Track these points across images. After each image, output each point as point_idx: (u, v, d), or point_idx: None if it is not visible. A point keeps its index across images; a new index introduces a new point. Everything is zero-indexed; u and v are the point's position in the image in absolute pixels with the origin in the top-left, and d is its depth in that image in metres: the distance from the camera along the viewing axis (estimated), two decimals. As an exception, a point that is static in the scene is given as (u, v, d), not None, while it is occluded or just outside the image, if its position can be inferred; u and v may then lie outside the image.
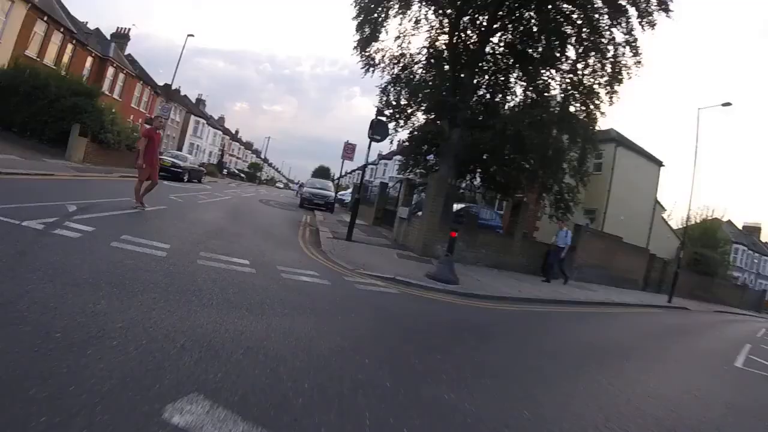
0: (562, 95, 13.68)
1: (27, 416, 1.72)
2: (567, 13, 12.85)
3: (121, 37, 29.29)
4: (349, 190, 34.45)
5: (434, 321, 5.81)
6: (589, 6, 12.48)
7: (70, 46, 22.99)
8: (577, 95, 13.56)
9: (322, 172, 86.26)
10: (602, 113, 13.89)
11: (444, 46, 14.39)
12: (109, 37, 28.50)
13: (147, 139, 8.89)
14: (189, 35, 25.84)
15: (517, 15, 13.49)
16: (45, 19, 20.89)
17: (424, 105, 14.41)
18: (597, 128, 14.68)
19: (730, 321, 18.49)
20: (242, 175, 51.70)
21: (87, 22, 27.81)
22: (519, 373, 4.18)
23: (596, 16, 12.64)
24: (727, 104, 20.36)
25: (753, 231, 54.04)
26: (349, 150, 21.87)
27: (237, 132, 70.74)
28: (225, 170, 45.06)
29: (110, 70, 26.48)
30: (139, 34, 76.69)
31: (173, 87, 29.13)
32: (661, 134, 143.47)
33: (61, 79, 17.33)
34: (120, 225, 6.39)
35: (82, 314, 2.90)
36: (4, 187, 7.94)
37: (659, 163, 29.47)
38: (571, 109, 13.60)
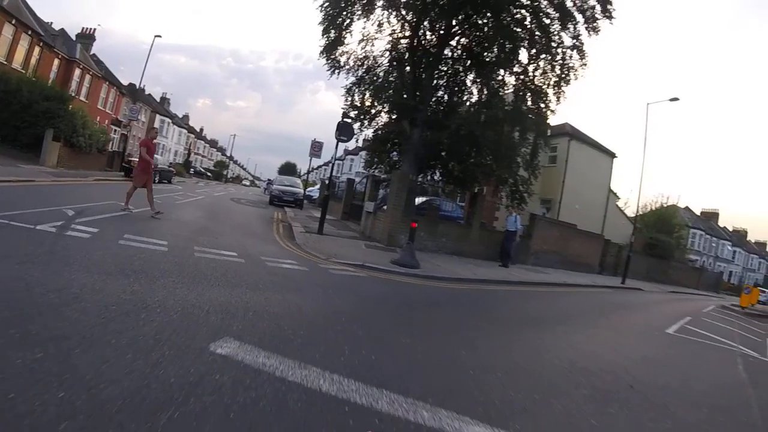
0: (515, 95, 14.89)
1: (117, 356, 2.62)
2: (520, 19, 14.01)
3: (87, 37, 28.97)
4: (317, 187, 35.14)
5: (397, 296, 6.88)
6: (541, 13, 13.67)
7: (37, 49, 22.78)
8: (529, 95, 14.80)
9: (288, 169, 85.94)
10: (552, 111, 15.25)
11: (405, 49, 15.40)
12: (74, 38, 28.22)
13: (146, 148, 9.66)
14: (156, 36, 25.94)
15: (473, 21, 14.58)
16: (13, 22, 20.70)
17: (387, 106, 15.45)
18: (551, 124, 16.03)
19: (681, 299, 19.85)
20: (209, 174, 51.63)
21: (52, 23, 27.48)
22: (465, 330, 5.27)
23: (547, 21, 13.82)
24: (675, 99, 21.72)
25: (711, 216, 57.73)
26: (316, 148, 22.73)
27: (202, 130, 70.16)
28: (192, 169, 45.03)
29: (77, 72, 26.23)
30: (100, 31, 74.61)
31: (139, 87, 29.09)
32: (618, 127, 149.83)
33: (32, 84, 17.47)
34: (119, 226, 7.16)
35: (124, 293, 3.79)
36: None
37: (612, 155, 31.49)
38: (523, 108, 14.83)
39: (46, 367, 2.22)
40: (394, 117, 15.40)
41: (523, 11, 13.92)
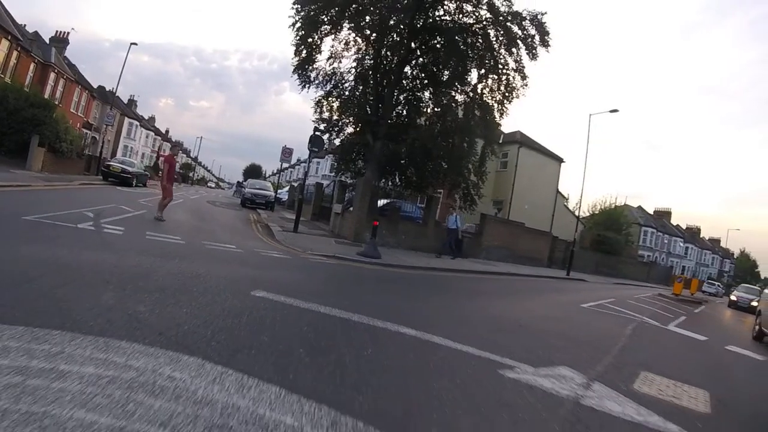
0: (465, 110, 17.09)
1: (202, 296, 4.44)
2: (471, 42, 16.17)
3: (60, 41, 29.53)
4: (285, 189, 36.62)
5: (363, 276, 8.82)
6: (490, 38, 15.86)
7: (15, 53, 23.43)
8: (477, 110, 17.03)
9: (253, 171, 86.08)
10: (499, 124, 17.56)
11: (369, 66, 17.35)
12: (48, 41, 28.75)
13: (168, 164, 11.18)
14: (132, 43, 26.57)
15: (431, 44, 16.68)
16: (-4, 29, 21.43)
17: (352, 119, 17.43)
18: (504, 132, 18.16)
19: (621, 288, 21.69)
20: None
21: (25, 25, 27.98)
22: (415, 296, 7.30)
23: (496, 45, 16.07)
24: (615, 111, 24.48)
25: (663, 215, 62.12)
26: (287, 154, 24.45)
27: (167, 132, 69.99)
28: (159, 172, 45.49)
29: (51, 76, 26.88)
30: (64, 26, 73.15)
31: (112, 91, 29.91)
32: (571, 134, 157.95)
33: (18, 92, 18.36)
34: (137, 226, 8.82)
35: (179, 268, 5.60)
36: (6, 199, 9.84)
37: (560, 160, 34.55)
38: (472, 122, 17.04)
39: (166, 300, 4.05)
40: (358, 129, 17.34)
41: (473, 37, 16.11)
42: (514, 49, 16.12)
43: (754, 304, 18.97)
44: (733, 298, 27.10)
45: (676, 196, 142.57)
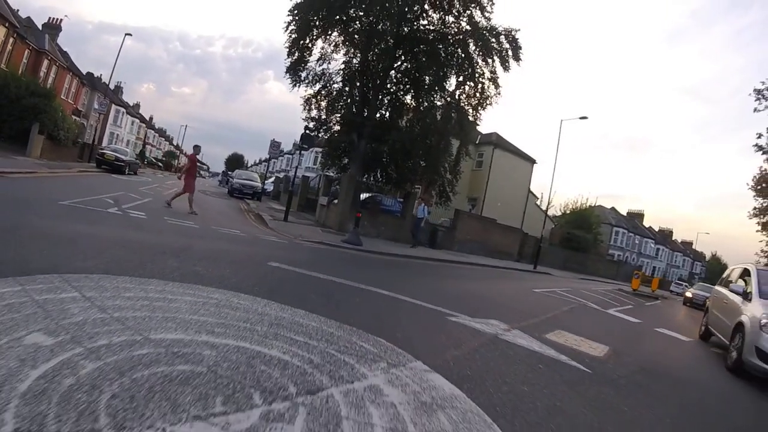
0: (443, 113, 18.67)
1: (230, 265, 5.95)
2: (451, 51, 17.73)
3: (53, 27, 29.98)
4: (271, 180, 37.78)
5: (349, 259, 10.39)
6: (469, 48, 17.44)
7: (11, 40, 24.05)
8: (454, 113, 18.61)
9: (235, 160, 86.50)
10: (477, 124, 19.28)
11: (357, 69, 18.74)
12: (41, 28, 29.19)
13: (191, 163, 12.59)
14: (127, 34, 27.41)
15: (414, 51, 18.18)
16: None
17: (339, 118, 18.90)
18: (480, 133, 19.69)
19: (584, 282, 23.10)
20: (160, 164, 52.77)
21: (18, 10, 28.44)
22: (393, 274, 8.88)
23: (474, 55, 17.66)
24: (584, 117, 26.11)
25: (636, 216, 64.77)
26: (275, 147, 25.78)
27: (151, 119, 70.19)
28: (145, 160, 46.16)
29: (45, 63, 27.44)
30: (42, 11, 72.27)
31: (100, 77, 30.64)
32: (546, 136, 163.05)
33: (19, 80, 19.19)
34: (155, 211, 10.21)
35: (207, 245, 7.07)
36: (26, 185, 11.11)
37: (533, 161, 36.57)
38: (448, 126, 18.64)
39: (211, 265, 5.54)
40: (344, 128, 18.79)
41: (453, 47, 17.69)
42: (489, 60, 17.74)
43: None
44: (688, 295, 26.52)
45: (654, 199, 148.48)
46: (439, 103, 18.93)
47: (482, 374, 3.54)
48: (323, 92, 19.19)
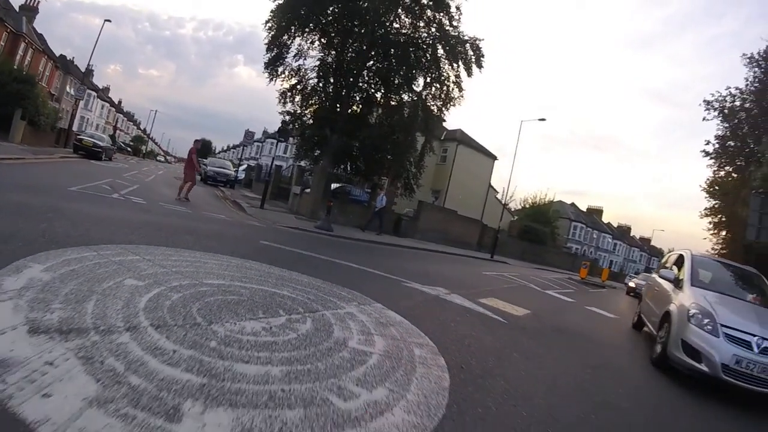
0: (410, 111, 20.20)
1: (230, 242, 7.41)
2: (420, 54, 19.21)
3: (30, 9, 29.45)
4: (243, 168, 38.57)
5: (322, 241, 11.87)
6: (437, 53, 19.01)
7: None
8: (421, 112, 20.18)
9: (204, 147, 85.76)
10: (444, 120, 20.97)
11: (331, 65, 19.98)
12: (18, 9, 28.76)
13: (192, 155, 13.73)
14: (106, 20, 27.49)
15: (386, 52, 19.56)
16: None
17: (313, 112, 20.23)
18: (446, 129, 21.09)
19: (538, 271, 24.40)
20: (128, 149, 52.41)
21: (-5, -8, 28.06)
22: (361, 255, 10.44)
23: (441, 59, 19.20)
24: (542, 119, 28.47)
25: (594, 212, 67.86)
26: (249, 137, 26.81)
27: (120, 102, 68.94)
28: (116, 145, 45.96)
29: (22, 46, 27.30)
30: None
31: (73, 60, 30.62)
32: (516, 132, 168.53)
33: (3, 66, 19.59)
34: (150, 197, 11.42)
35: (207, 227, 8.46)
36: (18, 172, 12.08)
37: (494, 158, 38.74)
38: (414, 123, 20.21)
39: (219, 242, 6.99)
40: (318, 123, 20.12)
41: (422, 51, 19.21)
42: (455, 65, 19.36)
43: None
44: (631, 284, 25.15)
45: (615, 197, 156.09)
46: (407, 100, 20.46)
47: (422, 314, 5.19)
48: (298, 87, 20.40)
